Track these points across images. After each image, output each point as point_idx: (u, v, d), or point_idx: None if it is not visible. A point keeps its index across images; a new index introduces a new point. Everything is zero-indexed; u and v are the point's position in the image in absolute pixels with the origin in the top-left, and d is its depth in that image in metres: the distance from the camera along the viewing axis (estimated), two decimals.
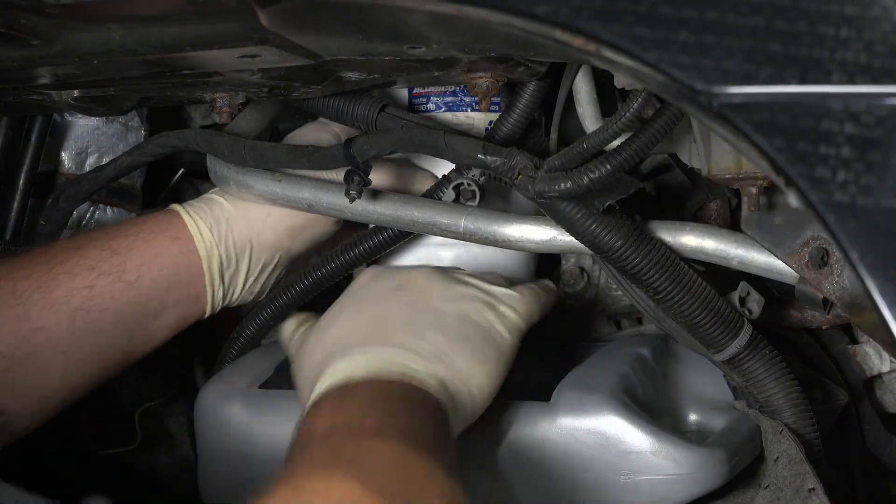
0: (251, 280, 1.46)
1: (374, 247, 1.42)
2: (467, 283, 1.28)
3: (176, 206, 1.45)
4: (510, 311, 1.27)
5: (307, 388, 1.22)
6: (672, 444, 1.24)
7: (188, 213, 1.44)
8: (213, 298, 1.44)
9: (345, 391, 1.14)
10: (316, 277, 1.44)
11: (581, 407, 1.26)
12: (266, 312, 1.47)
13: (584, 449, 1.25)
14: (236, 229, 1.44)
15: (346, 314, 1.28)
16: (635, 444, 1.24)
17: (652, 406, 1.32)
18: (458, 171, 1.39)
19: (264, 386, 1.40)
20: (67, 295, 1.36)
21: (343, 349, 1.21)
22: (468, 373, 1.20)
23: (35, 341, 1.35)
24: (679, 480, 1.23)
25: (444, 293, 1.26)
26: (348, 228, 1.50)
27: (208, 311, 1.45)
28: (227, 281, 1.44)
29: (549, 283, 1.39)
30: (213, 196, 1.46)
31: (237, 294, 1.46)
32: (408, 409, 1.13)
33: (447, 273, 1.30)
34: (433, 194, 1.41)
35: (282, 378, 1.42)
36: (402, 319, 1.23)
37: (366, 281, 1.32)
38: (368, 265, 1.44)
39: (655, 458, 1.23)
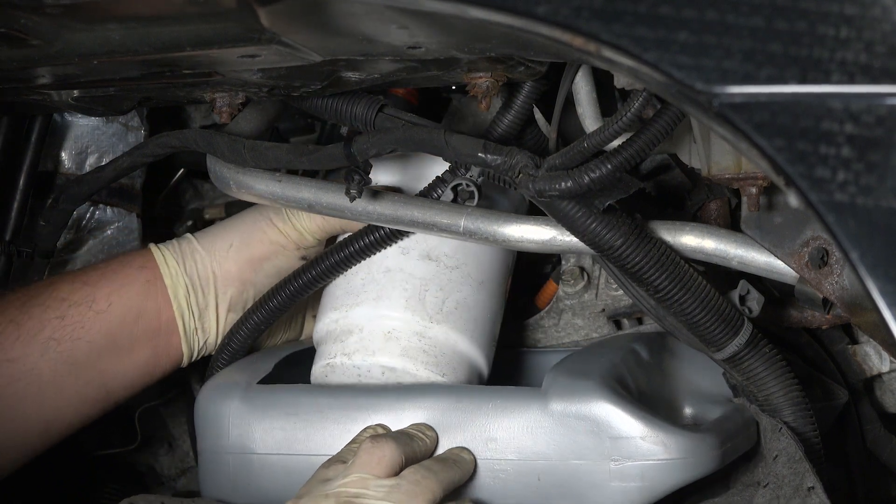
0: (223, 319, 1.46)
1: (364, 246, 1.41)
2: None
3: (150, 244, 1.48)
4: None
5: None
6: (662, 429, 1.24)
7: (157, 247, 1.47)
8: (185, 332, 1.44)
9: None
10: (305, 279, 1.43)
11: (572, 393, 1.26)
12: (257, 316, 1.46)
13: (574, 435, 1.26)
14: (199, 260, 1.46)
15: None
16: (626, 430, 1.24)
17: (646, 398, 1.32)
18: (452, 172, 1.39)
19: (263, 382, 1.40)
20: (38, 326, 1.38)
21: None
22: None
23: (7, 372, 1.36)
24: (669, 466, 1.24)
25: None
26: None
27: (185, 352, 1.46)
28: (197, 314, 1.45)
29: (460, 455, 1.31)
30: (187, 234, 1.49)
31: (213, 335, 1.47)
32: None
33: None
34: (431, 195, 1.41)
35: (282, 376, 1.42)
36: None
37: None
38: None
39: (646, 444, 1.24)
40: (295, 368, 1.46)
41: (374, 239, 1.40)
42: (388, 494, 1.21)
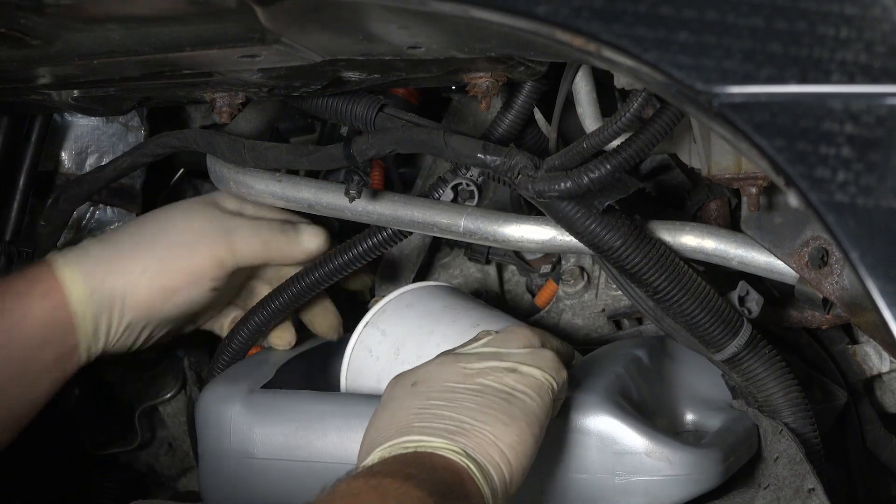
0: (118, 336, 1.42)
1: (368, 249, 1.41)
2: (485, 358, 1.22)
3: (51, 257, 1.43)
4: (534, 370, 1.20)
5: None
6: (666, 444, 1.24)
7: (63, 266, 1.41)
8: (87, 350, 1.42)
9: (356, 476, 1.11)
10: (309, 281, 1.43)
11: (576, 407, 1.26)
12: (258, 317, 1.45)
13: (578, 450, 1.25)
14: (109, 282, 1.41)
15: (369, 426, 1.22)
16: (630, 445, 1.24)
17: (648, 406, 1.32)
18: (453, 172, 1.39)
19: (266, 387, 1.40)
20: None
21: (363, 454, 1.18)
22: (493, 435, 1.15)
23: None
24: (673, 481, 1.23)
25: (459, 375, 1.20)
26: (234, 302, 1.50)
27: (83, 361, 1.42)
28: (102, 336, 1.42)
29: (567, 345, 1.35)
30: (92, 245, 1.44)
31: (105, 347, 1.43)
32: (421, 468, 1.10)
33: (463, 355, 1.24)
34: (431, 194, 1.40)
35: (283, 381, 1.42)
36: (416, 409, 1.18)
37: (388, 391, 1.24)
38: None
39: (650, 459, 1.23)
40: (296, 372, 1.46)
41: (380, 240, 1.40)
42: (538, 359, 1.21)
